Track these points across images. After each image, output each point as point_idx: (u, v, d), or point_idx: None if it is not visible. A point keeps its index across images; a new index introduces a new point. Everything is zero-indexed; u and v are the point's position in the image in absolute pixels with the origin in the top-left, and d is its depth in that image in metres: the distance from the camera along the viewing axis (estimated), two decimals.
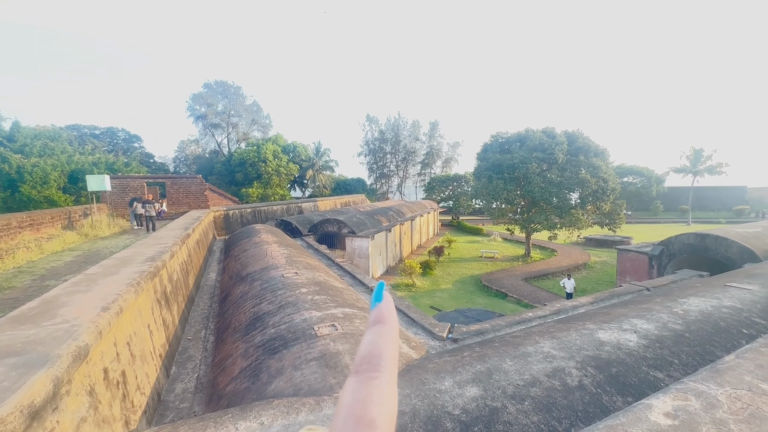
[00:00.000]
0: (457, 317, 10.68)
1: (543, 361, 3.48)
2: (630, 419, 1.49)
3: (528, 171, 24.02)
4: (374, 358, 0.26)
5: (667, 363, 3.58)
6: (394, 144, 62.95)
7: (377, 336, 0.28)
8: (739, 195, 53.82)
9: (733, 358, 2.04)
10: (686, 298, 5.24)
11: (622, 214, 25.10)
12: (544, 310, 6.35)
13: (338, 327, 4.25)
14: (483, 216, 40.69)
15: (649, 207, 51.51)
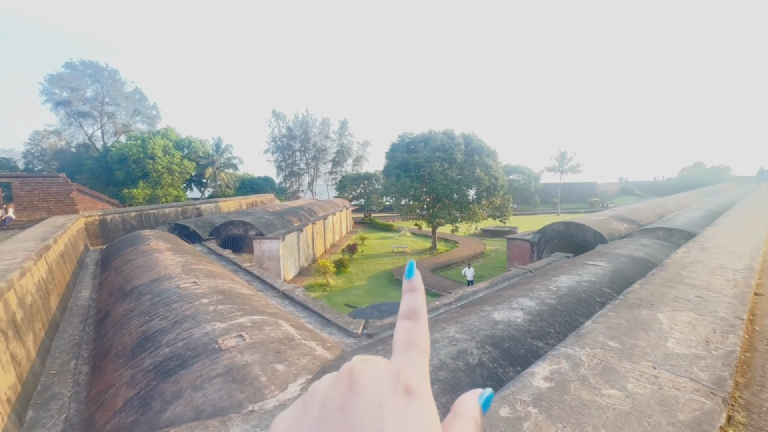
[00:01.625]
0: (372, 312, 10.94)
1: (449, 345, 3.76)
2: (518, 387, 1.70)
3: (432, 169, 25.79)
4: (413, 311, 0.35)
5: (546, 333, 4.21)
6: (303, 141, 61.27)
7: (413, 298, 0.36)
8: (591, 189, 66.46)
9: (590, 323, 2.49)
10: (558, 277, 6.22)
11: (509, 208, 28.74)
12: (449, 298, 6.88)
13: (246, 337, 3.96)
14: (393, 213, 42.42)
15: (529, 201, 59.98)
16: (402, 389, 0.28)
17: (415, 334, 0.34)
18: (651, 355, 2.07)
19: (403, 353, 0.33)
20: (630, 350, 2.13)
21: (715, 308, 2.84)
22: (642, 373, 1.88)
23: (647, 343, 2.23)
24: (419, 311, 0.35)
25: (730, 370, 1.93)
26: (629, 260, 7.84)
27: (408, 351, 0.33)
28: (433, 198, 27.85)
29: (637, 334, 2.36)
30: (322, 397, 0.29)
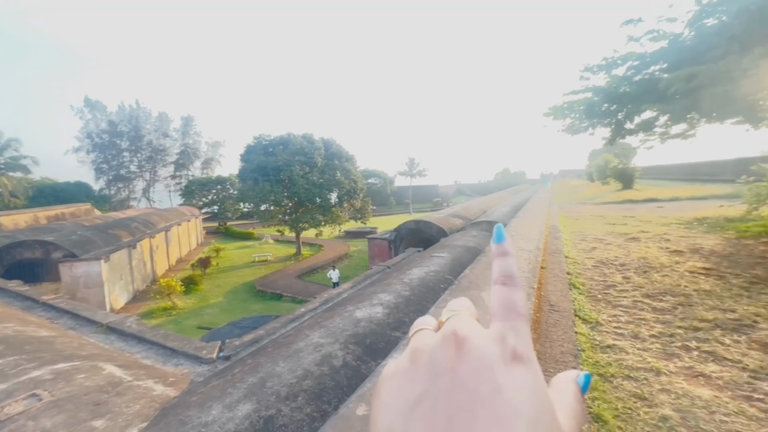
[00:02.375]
0: (231, 331, 9.91)
1: (313, 352, 3.70)
2: (374, 383, 1.78)
3: (293, 173, 25.19)
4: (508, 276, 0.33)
5: (402, 323, 4.61)
6: (133, 139, 50.97)
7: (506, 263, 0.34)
8: (435, 191, 77.15)
9: (433, 309, 2.84)
10: (410, 270, 6.92)
11: (369, 209, 30.60)
12: (314, 303, 6.82)
13: (45, 395, 3.01)
14: (253, 220, 39.55)
15: (386, 202, 65.31)
16: (510, 355, 0.28)
17: (514, 300, 0.32)
18: None
19: (504, 320, 0.31)
20: None
21: None
22: None
23: None
24: (514, 275, 0.33)
25: None
26: (464, 249, 9.37)
27: (509, 317, 0.31)
28: (295, 203, 27.24)
29: None
30: (429, 358, 0.29)
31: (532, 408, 0.25)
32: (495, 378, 0.26)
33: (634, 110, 6.00)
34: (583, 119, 6.79)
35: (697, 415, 2.10)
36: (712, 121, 6.35)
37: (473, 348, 0.28)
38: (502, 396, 0.25)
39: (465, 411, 0.25)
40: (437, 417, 0.26)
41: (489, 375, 0.27)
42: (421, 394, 0.27)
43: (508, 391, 0.25)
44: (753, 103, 5.76)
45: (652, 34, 5.42)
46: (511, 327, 0.30)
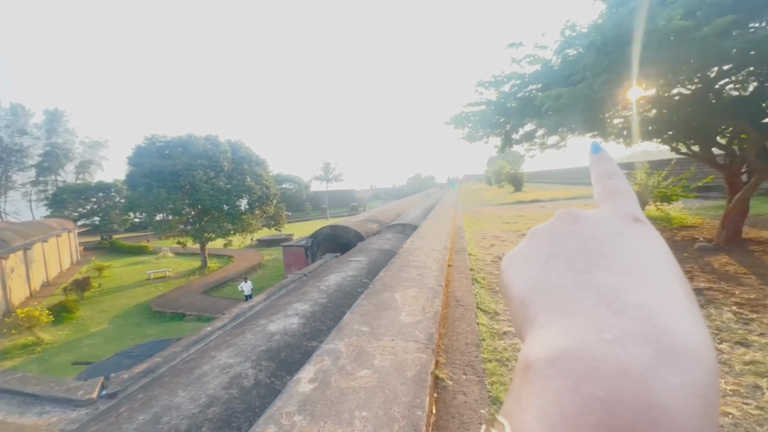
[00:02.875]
0: (119, 362, 8.52)
1: (220, 374, 3.39)
2: (284, 400, 1.70)
3: (195, 179, 22.86)
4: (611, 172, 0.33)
5: (319, 332, 4.50)
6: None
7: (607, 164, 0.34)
8: (352, 195, 77.74)
9: (348, 315, 2.85)
10: (327, 276, 6.83)
11: (283, 216, 29.40)
12: (222, 320, 6.27)
13: None
14: (147, 231, 34.67)
15: (302, 208, 63.55)
16: (631, 217, 0.28)
17: (620, 186, 0.31)
18: (391, 330, 2.57)
19: (613, 199, 0.30)
20: (377, 330, 2.57)
21: (428, 281, 3.86)
22: (385, 348, 2.30)
23: (388, 321, 2.76)
24: (617, 172, 0.33)
25: (436, 326, 2.65)
26: (380, 252, 9.61)
27: (618, 197, 0.30)
28: (199, 211, 24.73)
29: (381, 315, 2.88)
30: (547, 231, 0.28)
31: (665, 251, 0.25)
32: (621, 232, 0.26)
33: (518, 123, 6.95)
34: (478, 129, 7.60)
35: None
36: (576, 135, 7.68)
37: (590, 217, 0.28)
38: (634, 243, 0.25)
39: (599, 254, 0.25)
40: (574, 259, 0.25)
41: (614, 230, 0.26)
42: (550, 253, 0.27)
43: (639, 240, 0.26)
44: (603, 121, 7.12)
45: (530, 58, 6.36)
46: (623, 201, 0.30)
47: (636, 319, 0.20)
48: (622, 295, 0.21)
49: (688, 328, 0.20)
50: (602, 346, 0.19)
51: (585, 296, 0.22)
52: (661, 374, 0.18)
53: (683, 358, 0.18)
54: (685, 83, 5.95)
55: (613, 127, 7.48)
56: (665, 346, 0.19)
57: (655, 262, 0.24)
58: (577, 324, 0.21)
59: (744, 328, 3.27)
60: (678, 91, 6.39)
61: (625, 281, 0.22)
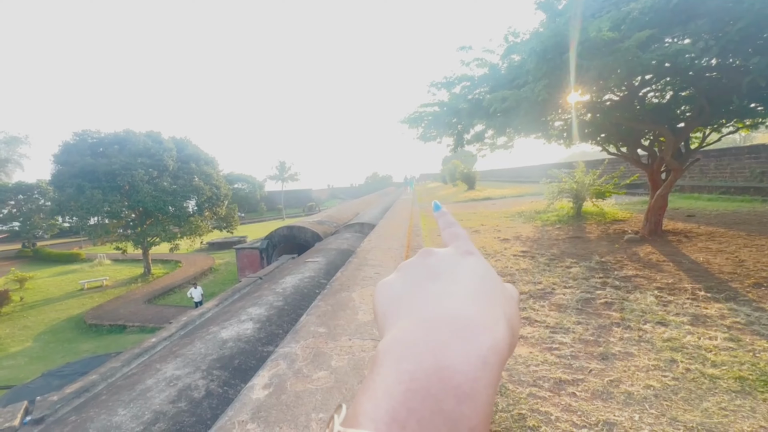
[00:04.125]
0: (47, 384, 7.65)
1: (167, 387, 3.18)
2: (236, 410, 1.64)
3: (135, 178, 21.12)
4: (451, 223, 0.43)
5: (275, 336, 4.37)
6: None
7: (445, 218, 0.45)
8: (308, 195, 76.17)
9: (305, 317, 2.80)
10: (284, 278, 6.65)
11: (236, 217, 28.10)
12: (169, 329, 5.85)
13: None
14: (80, 236, 31.39)
15: (256, 209, 61.16)
16: (464, 251, 0.38)
17: (458, 232, 0.41)
18: (348, 330, 2.57)
19: (454, 242, 0.40)
20: (334, 331, 2.56)
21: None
22: (342, 347, 2.29)
23: (346, 321, 2.75)
24: (454, 222, 0.44)
25: None
26: (338, 252, 9.53)
27: (458, 240, 0.40)
28: (140, 213, 22.89)
29: (339, 315, 2.86)
30: (407, 264, 0.38)
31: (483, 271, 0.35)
32: (457, 261, 0.36)
33: (469, 124, 7.22)
34: (431, 129, 7.79)
35: (519, 370, 2.64)
36: (522, 136, 8.16)
37: (439, 252, 0.38)
38: (460, 268, 0.35)
39: (437, 275, 0.34)
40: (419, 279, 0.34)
41: (450, 260, 0.36)
42: (406, 277, 0.36)
43: (465, 266, 0.35)
44: (545, 123, 7.63)
45: (478, 61, 6.64)
46: (462, 241, 0.40)
47: (447, 313, 0.29)
48: (441, 298, 0.31)
49: (479, 314, 0.29)
50: (418, 333, 0.27)
51: (419, 301, 0.31)
52: (451, 346, 0.26)
53: (469, 332, 0.27)
54: (614, 90, 6.55)
55: (554, 129, 8.05)
56: (459, 326, 0.27)
57: (473, 278, 0.34)
58: (409, 321, 0.29)
59: (663, 309, 3.68)
60: (609, 97, 7.02)
61: (447, 289, 0.32)
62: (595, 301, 3.98)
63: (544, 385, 2.50)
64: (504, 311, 0.32)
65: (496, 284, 0.35)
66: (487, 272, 0.36)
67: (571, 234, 7.91)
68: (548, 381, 2.54)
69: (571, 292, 4.29)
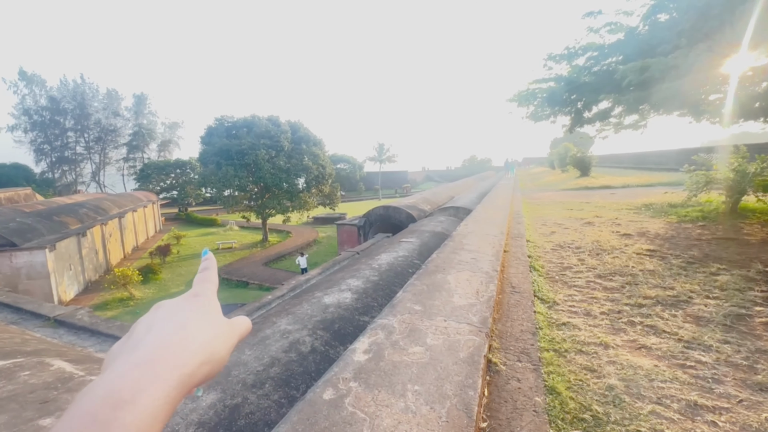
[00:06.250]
0: None
1: (281, 339, 3.66)
2: (341, 367, 1.79)
3: (258, 157, 24.31)
4: (206, 267, 0.53)
5: (370, 308, 4.64)
6: (79, 118, 46.98)
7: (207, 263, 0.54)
8: (404, 177, 77.46)
9: (401, 293, 2.88)
10: (379, 255, 6.96)
11: (338, 195, 30.29)
12: (281, 290, 6.72)
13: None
14: (216, 205, 37.95)
15: (355, 188, 64.86)
16: (192, 294, 0.47)
17: (208, 275, 0.52)
18: (443, 311, 2.56)
19: (197, 284, 0.50)
20: (429, 310, 2.58)
21: (482, 266, 3.77)
22: (437, 327, 2.30)
23: (441, 301, 2.75)
24: (211, 267, 0.54)
25: (489, 310, 2.59)
26: (432, 235, 9.54)
27: (201, 283, 0.50)
28: (261, 188, 26.40)
29: (434, 296, 2.87)
30: (138, 321, 0.43)
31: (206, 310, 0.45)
32: (182, 306, 0.44)
33: (591, 100, 6.29)
34: (545, 107, 7.02)
35: (639, 383, 2.30)
36: (661, 113, 6.79)
37: (166, 303, 0.46)
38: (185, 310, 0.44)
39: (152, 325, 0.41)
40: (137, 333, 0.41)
41: (176, 305, 0.44)
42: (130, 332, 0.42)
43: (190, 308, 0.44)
44: (696, 97, 6.20)
45: (610, 26, 5.65)
46: (200, 284, 0.49)
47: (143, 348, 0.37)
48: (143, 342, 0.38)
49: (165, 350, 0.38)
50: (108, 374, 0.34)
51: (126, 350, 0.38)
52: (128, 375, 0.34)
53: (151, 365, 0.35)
54: None
55: (708, 104, 6.50)
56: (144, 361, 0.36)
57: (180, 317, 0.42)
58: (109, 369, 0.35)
59: None
60: None
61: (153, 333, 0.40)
62: (752, 319, 3.19)
63: (672, 405, 2.12)
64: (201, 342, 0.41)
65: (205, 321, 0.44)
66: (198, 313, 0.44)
67: (721, 234, 6.42)
68: (678, 402, 2.15)
69: (716, 304, 3.51)
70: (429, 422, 1.44)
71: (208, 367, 0.40)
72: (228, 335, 0.45)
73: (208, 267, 0.54)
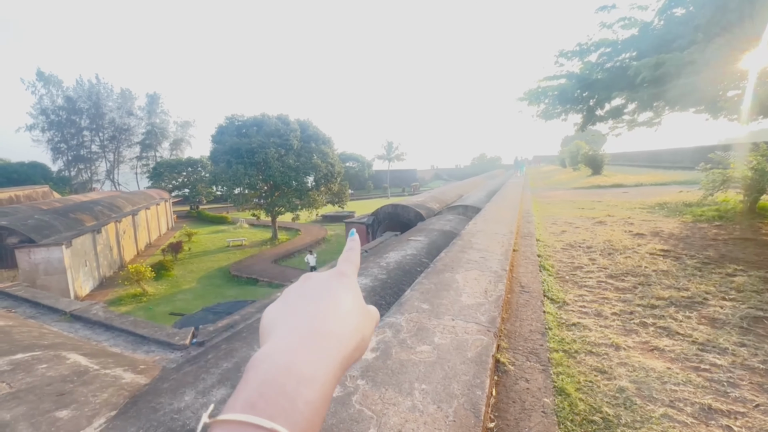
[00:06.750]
0: (205, 317, 9.73)
1: None
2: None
3: (267, 156, 24.50)
4: (351, 248, 0.55)
5: (379, 306, 4.65)
6: (94, 117, 47.92)
7: (353, 244, 0.56)
8: (413, 175, 77.24)
9: (409, 292, 2.88)
10: (387, 254, 6.96)
11: (347, 193, 30.36)
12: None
13: (3, 386, 2.87)
14: (226, 203, 38.38)
15: (364, 186, 64.93)
16: (338, 273, 0.48)
17: (351, 256, 0.53)
18: (451, 310, 2.55)
19: (342, 263, 0.51)
20: (437, 309, 2.57)
21: (491, 265, 3.74)
22: (445, 326, 2.29)
23: (449, 300, 2.74)
24: (355, 248, 0.55)
25: (498, 310, 2.57)
26: (440, 233, 9.50)
27: (345, 262, 0.51)
28: (270, 186, 26.61)
29: (442, 295, 2.86)
30: (291, 288, 0.45)
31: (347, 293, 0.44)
32: (327, 285, 0.45)
33: (604, 97, 6.17)
34: (556, 105, 6.92)
35: (651, 386, 2.26)
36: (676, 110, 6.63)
37: (315, 275, 0.47)
38: (330, 291, 0.44)
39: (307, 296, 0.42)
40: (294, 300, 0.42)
41: (324, 284, 0.45)
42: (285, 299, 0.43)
43: (334, 289, 0.44)
44: (713, 93, 6.04)
45: (624, 22, 5.53)
46: (344, 263, 0.51)
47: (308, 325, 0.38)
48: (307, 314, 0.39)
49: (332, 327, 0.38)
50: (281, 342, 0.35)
51: (290, 319, 0.39)
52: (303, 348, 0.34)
53: (320, 339, 0.36)
54: None
55: (725, 101, 6.32)
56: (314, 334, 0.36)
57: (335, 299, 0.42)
58: (279, 334, 0.37)
59: None
60: None
61: (313, 308, 0.40)
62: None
63: (685, 408, 2.08)
64: (356, 325, 0.41)
65: (355, 304, 0.44)
66: (350, 294, 0.45)
67: (738, 234, 6.25)
68: (691, 405, 2.11)
69: (732, 306, 3.42)
70: (436, 421, 1.44)
71: (359, 353, 0.41)
72: (371, 321, 0.46)
73: (352, 248, 0.55)
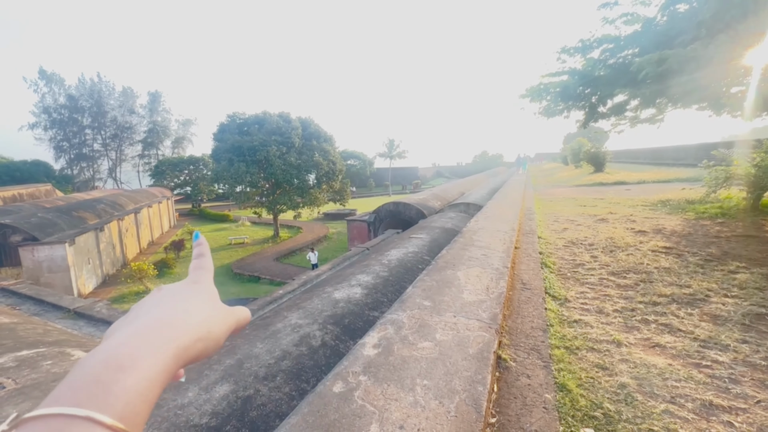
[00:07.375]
0: None
1: (292, 332, 3.71)
2: (351, 361, 1.81)
3: (269, 154, 24.51)
4: (200, 254, 0.56)
5: (380, 303, 4.66)
6: (96, 115, 47.98)
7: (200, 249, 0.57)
8: (414, 173, 77.20)
9: (411, 289, 2.89)
10: (389, 251, 6.97)
11: (348, 191, 30.37)
12: (292, 285, 6.80)
13: (9, 383, 2.90)
14: (228, 201, 38.47)
15: (366, 184, 64.95)
16: (191, 281, 0.50)
17: (203, 262, 0.54)
18: (453, 307, 2.56)
19: (194, 271, 0.53)
20: (439, 306, 2.58)
21: (492, 262, 3.74)
22: (447, 323, 2.30)
23: (450, 297, 2.74)
24: (205, 253, 0.56)
25: (500, 307, 2.57)
26: (442, 231, 9.51)
27: (197, 270, 0.53)
28: (272, 184, 26.63)
29: (443, 292, 2.87)
30: (142, 301, 0.45)
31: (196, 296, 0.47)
32: (181, 290, 0.47)
33: (606, 94, 6.14)
34: (558, 102, 6.89)
35: (652, 382, 2.26)
36: (679, 107, 6.59)
37: (167, 287, 0.49)
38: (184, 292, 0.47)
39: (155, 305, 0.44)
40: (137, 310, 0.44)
41: (176, 290, 0.47)
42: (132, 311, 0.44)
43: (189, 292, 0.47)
44: (717, 90, 6.00)
45: (627, 17, 5.49)
46: (196, 272, 0.52)
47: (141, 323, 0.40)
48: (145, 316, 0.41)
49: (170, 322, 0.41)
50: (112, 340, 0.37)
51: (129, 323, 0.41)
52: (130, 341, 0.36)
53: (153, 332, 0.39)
54: None
55: (729, 97, 6.28)
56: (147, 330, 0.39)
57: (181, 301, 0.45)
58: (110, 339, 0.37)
59: None
60: None
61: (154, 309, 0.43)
62: None
63: (686, 404, 2.09)
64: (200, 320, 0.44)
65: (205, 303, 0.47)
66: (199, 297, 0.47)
67: (741, 231, 6.23)
68: (692, 401, 2.11)
69: (734, 303, 3.42)
70: (437, 416, 1.45)
71: (202, 344, 0.43)
72: (224, 318, 0.48)
73: (202, 253, 0.56)
